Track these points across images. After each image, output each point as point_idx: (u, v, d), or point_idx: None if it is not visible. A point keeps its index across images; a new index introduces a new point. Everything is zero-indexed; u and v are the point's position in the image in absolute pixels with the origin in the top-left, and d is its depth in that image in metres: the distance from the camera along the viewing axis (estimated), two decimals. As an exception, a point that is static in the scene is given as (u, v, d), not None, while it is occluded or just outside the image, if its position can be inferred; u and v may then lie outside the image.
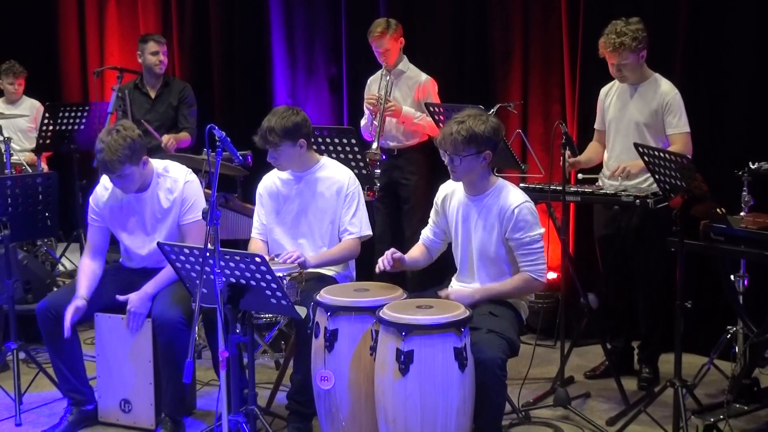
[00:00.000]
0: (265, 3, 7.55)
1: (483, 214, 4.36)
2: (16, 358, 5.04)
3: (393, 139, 6.18)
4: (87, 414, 4.88)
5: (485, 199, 4.36)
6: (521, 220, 4.25)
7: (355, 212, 4.76)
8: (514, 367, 4.79)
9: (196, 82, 7.50)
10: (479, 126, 4.18)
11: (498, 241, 4.32)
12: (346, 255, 4.79)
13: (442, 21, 6.81)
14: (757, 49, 5.67)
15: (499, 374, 3.99)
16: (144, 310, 4.66)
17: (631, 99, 5.26)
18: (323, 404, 4.23)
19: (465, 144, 4.18)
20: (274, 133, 4.60)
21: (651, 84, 5.23)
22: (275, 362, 5.62)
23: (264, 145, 4.66)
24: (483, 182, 4.36)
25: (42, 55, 8.58)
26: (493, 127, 4.24)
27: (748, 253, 4.60)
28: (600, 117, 5.48)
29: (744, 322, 4.97)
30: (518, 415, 4.88)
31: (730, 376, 5.15)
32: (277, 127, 4.59)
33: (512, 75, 6.60)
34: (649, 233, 5.16)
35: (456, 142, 4.18)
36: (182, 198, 4.77)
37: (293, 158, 4.73)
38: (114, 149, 4.44)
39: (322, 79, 7.39)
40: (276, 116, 4.64)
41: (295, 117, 4.66)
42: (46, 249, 7.04)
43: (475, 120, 4.20)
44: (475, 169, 4.28)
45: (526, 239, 4.26)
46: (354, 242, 4.77)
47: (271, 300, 4.00)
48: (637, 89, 5.25)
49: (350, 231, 4.75)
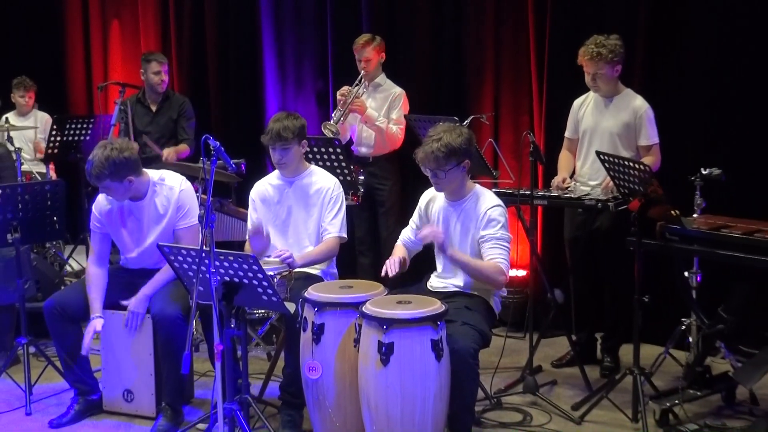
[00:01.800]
0: (257, 22, 7.54)
1: (462, 217, 4.39)
2: (27, 352, 5.02)
3: (366, 146, 6.20)
4: (92, 403, 4.87)
5: (464, 204, 4.40)
6: (492, 219, 4.29)
7: (335, 214, 4.77)
8: (487, 357, 4.80)
9: (194, 95, 7.47)
10: (455, 139, 4.22)
11: (473, 243, 4.35)
12: (327, 254, 4.78)
13: (420, 39, 6.81)
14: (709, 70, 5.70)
15: (472, 363, 4.02)
16: (142, 309, 4.65)
17: (606, 110, 5.28)
18: (311, 393, 4.23)
19: (446, 159, 4.21)
20: (289, 131, 4.62)
21: (624, 98, 5.26)
22: (267, 354, 5.60)
23: (276, 143, 4.65)
24: (462, 189, 4.40)
25: (50, 70, 8.55)
26: (466, 137, 4.28)
27: (701, 251, 4.63)
28: (572, 126, 5.49)
29: (697, 315, 4.99)
30: (490, 401, 4.89)
31: (685, 365, 5.18)
32: (291, 126, 4.63)
33: (484, 89, 6.61)
34: (612, 234, 5.17)
35: (438, 159, 4.21)
36: (178, 205, 4.76)
37: (296, 158, 4.76)
38: (97, 165, 4.45)
39: (310, 93, 7.39)
40: (287, 119, 4.67)
41: (302, 120, 4.75)
42: (54, 251, 7.02)
43: (450, 134, 4.23)
44: (458, 178, 4.32)
45: (498, 234, 4.28)
46: (334, 241, 4.77)
47: (263, 297, 4.00)
48: (612, 102, 5.26)
49: (329, 231, 4.75)
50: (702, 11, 5.70)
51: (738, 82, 5.63)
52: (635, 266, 4.60)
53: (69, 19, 8.57)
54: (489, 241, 4.28)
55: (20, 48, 8.55)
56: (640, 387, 4.60)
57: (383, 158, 6.21)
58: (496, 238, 4.28)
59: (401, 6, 6.88)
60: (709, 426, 4.54)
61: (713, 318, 4.80)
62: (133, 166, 4.59)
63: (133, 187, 4.63)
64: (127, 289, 4.75)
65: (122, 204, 4.77)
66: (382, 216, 6.12)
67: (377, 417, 3.93)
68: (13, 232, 4.96)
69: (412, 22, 6.83)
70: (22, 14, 8.58)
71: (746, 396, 4.88)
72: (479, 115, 6.02)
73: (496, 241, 4.28)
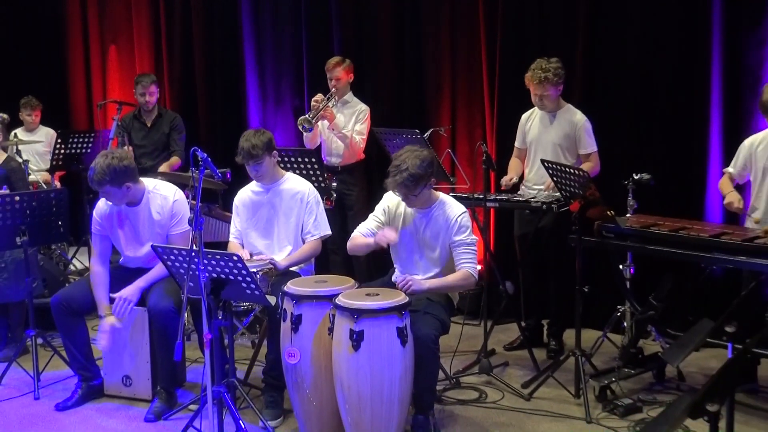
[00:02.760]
0: (240, 46, 7.50)
1: (431, 224, 4.35)
2: (35, 342, 4.98)
3: (336, 156, 6.18)
4: (95, 388, 4.83)
5: (432, 212, 4.36)
6: (463, 225, 4.28)
7: (315, 217, 4.75)
8: (446, 342, 4.79)
9: (184, 112, 7.41)
10: (419, 165, 4.12)
11: (444, 246, 4.32)
12: (310, 254, 4.77)
13: (385, 62, 6.81)
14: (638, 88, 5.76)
15: (433, 348, 4.01)
16: (133, 298, 4.61)
17: (550, 124, 5.30)
18: (291, 376, 4.20)
19: (414, 186, 4.16)
20: (258, 148, 4.58)
21: (565, 112, 5.28)
22: (251, 342, 5.58)
23: (248, 161, 4.62)
24: (429, 200, 4.36)
25: (54, 90, 8.45)
26: (428, 160, 4.20)
27: (633, 247, 4.68)
28: (521, 137, 5.50)
29: (631, 303, 5.03)
30: (450, 381, 4.91)
31: (620, 346, 5.21)
32: (258, 143, 4.58)
33: (442, 105, 6.62)
34: (555, 232, 5.20)
35: (407, 188, 4.17)
36: (172, 213, 4.72)
37: (270, 168, 4.71)
38: (98, 171, 4.44)
39: (288, 109, 7.36)
40: (254, 136, 4.62)
41: (267, 134, 4.69)
42: (59, 252, 6.94)
43: (413, 161, 4.13)
44: (426, 194, 4.29)
45: (469, 239, 4.27)
46: (316, 242, 4.75)
47: (247, 291, 3.97)
48: (555, 116, 5.29)
49: (312, 233, 4.73)
50: (632, 35, 5.76)
51: (663, 98, 5.69)
52: (576, 260, 4.62)
53: (71, 44, 8.49)
54: (460, 247, 4.26)
55: (27, 71, 8.46)
56: (582, 367, 4.63)
57: (351, 167, 6.19)
58: (466, 244, 4.27)
59: (367, 33, 6.87)
60: (642, 400, 4.57)
61: (645, 305, 4.85)
62: (131, 174, 4.57)
63: (130, 192, 4.60)
64: (125, 285, 4.69)
65: (120, 209, 4.73)
66: (350, 218, 6.11)
67: (350, 397, 3.92)
68: (22, 235, 4.92)
69: (378, 47, 6.83)
70: (29, 40, 8.49)
71: (674, 373, 4.94)
72: (438, 128, 6.04)
73: (466, 246, 4.27)
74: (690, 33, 5.56)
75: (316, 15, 7.07)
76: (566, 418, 4.45)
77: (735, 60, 5.40)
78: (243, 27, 7.49)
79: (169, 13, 7.89)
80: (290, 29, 7.31)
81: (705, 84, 5.52)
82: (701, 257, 4.35)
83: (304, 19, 7.15)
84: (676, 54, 5.62)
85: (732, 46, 5.40)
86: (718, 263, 4.36)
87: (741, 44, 5.38)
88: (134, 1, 8.13)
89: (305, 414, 4.23)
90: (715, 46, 5.45)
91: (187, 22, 7.78)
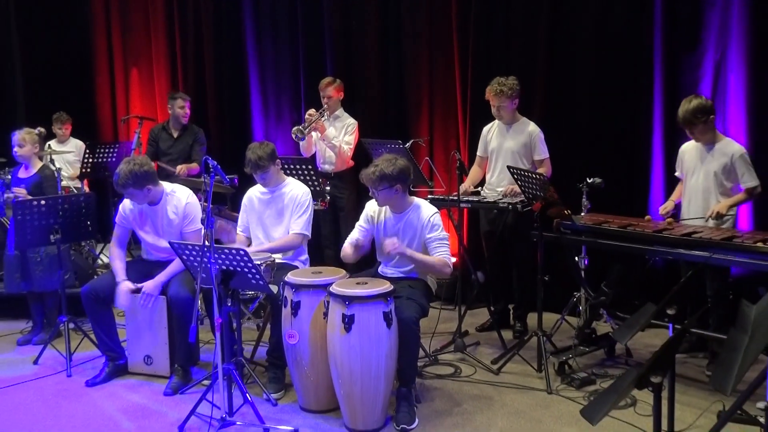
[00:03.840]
0: (245, 67, 7.49)
1: (405, 226, 4.33)
2: (67, 327, 4.96)
3: (329, 164, 6.16)
4: (120, 367, 4.81)
5: (406, 216, 4.33)
6: (435, 224, 4.26)
7: (300, 215, 4.71)
8: (426, 324, 4.80)
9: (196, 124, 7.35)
10: (388, 168, 4.14)
11: (419, 244, 4.31)
12: (285, 245, 4.70)
13: (372, 81, 6.80)
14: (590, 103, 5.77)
15: (414, 329, 4.01)
16: (155, 292, 4.61)
17: (507, 134, 5.31)
18: (291, 355, 4.20)
19: (378, 182, 4.16)
20: (264, 159, 4.58)
21: (521, 124, 5.29)
22: (256, 326, 5.56)
23: (256, 171, 4.62)
24: (402, 204, 4.32)
25: (84, 107, 8.40)
26: (400, 168, 4.17)
27: (587, 241, 4.69)
28: (482, 146, 5.50)
29: (585, 290, 5.04)
30: (429, 358, 4.91)
31: (576, 327, 5.21)
32: (263, 155, 4.59)
33: (422, 119, 6.62)
34: (519, 229, 5.21)
35: (372, 180, 4.17)
36: (185, 214, 4.73)
37: (274, 175, 4.71)
38: (122, 176, 4.48)
39: (287, 122, 7.34)
40: (259, 148, 4.62)
41: (271, 145, 4.69)
42: (88, 248, 6.90)
43: (386, 163, 4.16)
44: (391, 197, 4.25)
45: (441, 235, 4.26)
46: (294, 236, 4.70)
47: (252, 281, 3.97)
48: (512, 127, 5.29)
49: (293, 228, 4.71)
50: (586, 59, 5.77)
51: (613, 113, 5.70)
52: (538, 253, 4.63)
53: (98, 67, 8.45)
54: (434, 242, 4.25)
55: (61, 90, 8.40)
56: (543, 345, 4.64)
57: (342, 173, 6.17)
58: (439, 239, 4.26)
59: (356, 56, 6.85)
60: (595, 374, 4.59)
61: (597, 292, 4.86)
62: (151, 178, 4.59)
63: (150, 193, 4.63)
64: (146, 276, 4.70)
65: (141, 208, 4.74)
66: (342, 218, 6.10)
67: (342, 372, 3.91)
68: (55, 234, 4.89)
69: (366, 68, 6.81)
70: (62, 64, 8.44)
71: (623, 350, 4.96)
72: (418, 139, 6.06)
73: (439, 241, 4.25)
74: (636, 56, 5.58)
75: (311, 40, 7.06)
76: (530, 390, 4.46)
77: (674, 80, 5.43)
78: (248, 51, 7.48)
79: (183, 39, 7.87)
80: (288, 53, 7.30)
81: (648, 100, 5.54)
82: (645, 250, 4.37)
83: (301, 44, 7.14)
84: (623, 74, 5.64)
85: (671, 68, 5.43)
86: (659, 255, 4.39)
87: (679, 67, 5.41)
88: (153, 29, 8.10)
89: (303, 388, 4.23)
90: (657, 68, 5.48)
91: (199, 47, 7.76)
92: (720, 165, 4.54)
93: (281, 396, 4.45)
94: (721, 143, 4.58)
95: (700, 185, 4.63)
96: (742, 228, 4.94)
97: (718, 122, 5.09)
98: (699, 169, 4.64)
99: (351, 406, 3.95)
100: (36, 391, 4.64)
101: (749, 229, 5.02)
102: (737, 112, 5.20)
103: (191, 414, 4.04)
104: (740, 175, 4.50)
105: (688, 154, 4.74)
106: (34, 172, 5.49)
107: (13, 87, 8.03)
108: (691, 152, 4.72)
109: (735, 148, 4.54)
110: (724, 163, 4.53)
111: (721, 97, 5.26)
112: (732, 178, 4.55)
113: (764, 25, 5.04)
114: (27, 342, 5.48)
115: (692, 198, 4.69)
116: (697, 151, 4.67)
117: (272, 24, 7.37)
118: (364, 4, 6.77)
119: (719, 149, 4.56)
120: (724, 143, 4.57)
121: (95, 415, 4.25)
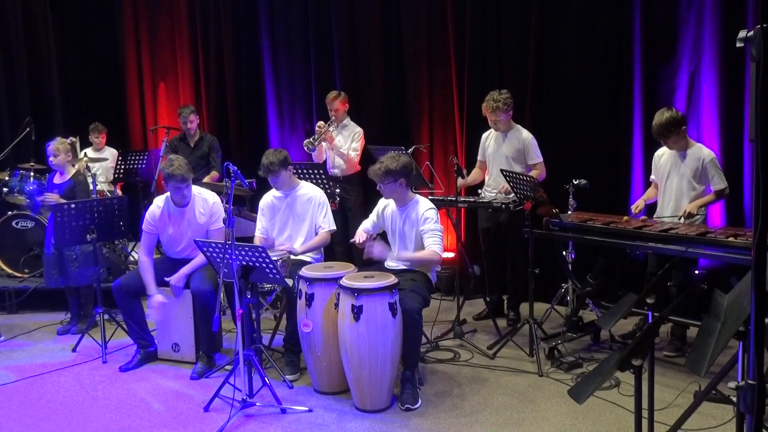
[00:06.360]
0: (262, 81, 7.48)
1: (406, 218, 4.37)
2: (102, 318, 4.98)
3: (338, 169, 6.16)
4: (150, 353, 4.82)
5: (407, 209, 4.37)
6: (428, 217, 4.28)
7: (325, 214, 4.74)
8: (428, 314, 4.80)
9: (218, 133, 7.43)
10: (392, 164, 4.22)
11: (415, 234, 4.34)
12: (320, 243, 4.75)
13: (377, 91, 6.79)
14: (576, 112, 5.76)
15: (417, 318, 4.02)
16: (181, 284, 4.63)
17: (503, 141, 5.29)
18: (305, 342, 4.21)
19: (384, 176, 4.22)
20: (275, 165, 4.59)
21: (515, 132, 5.28)
22: (273, 315, 5.57)
23: (268, 175, 4.63)
24: (404, 198, 4.36)
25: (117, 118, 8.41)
26: (403, 164, 4.24)
27: (574, 237, 4.69)
28: (481, 152, 5.50)
29: (572, 281, 5.03)
30: (431, 344, 4.91)
31: (564, 316, 5.22)
32: (275, 160, 4.59)
33: (422, 126, 6.61)
34: (512, 226, 5.21)
35: (378, 175, 4.24)
36: (211, 213, 4.74)
37: (287, 180, 4.70)
38: (183, 169, 4.54)
39: (301, 132, 7.35)
40: (272, 155, 4.62)
41: (284, 152, 4.68)
42: (120, 246, 6.91)
43: (390, 160, 4.24)
44: (396, 190, 4.30)
45: (433, 227, 4.27)
46: (326, 234, 4.74)
47: (270, 275, 3.97)
48: (507, 135, 5.28)
49: (323, 227, 4.72)
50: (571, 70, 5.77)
51: (596, 120, 5.70)
52: (529, 248, 4.63)
53: (129, 82, 8.45)
54: (427, 233, 4.27)
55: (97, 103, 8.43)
56: (534, 332, 4.64)
57: (350, 177, 6.18)
58: (431, 230, 4.27)
59: (362, 69, 6.85)
60: (582, 358, 4.58)
61: (583, 283, 4.85)
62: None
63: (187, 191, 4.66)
64: (171, 272, 4.70)
65: (169, 210, 4.74)
66: (350, 218, 6.10)
67: (352, 358, 3.92)
68: (91, 233, 4.92)
69: (371, 81, 6.81)
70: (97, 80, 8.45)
71: (607, 337, 4.95)
72: (419, 145, 6.06)
73: (431, 232, 4.27)
74: (617, 68, 5.57)
75: (322, 56, 7.06)
76: (523, 373, 4.46)
77: (652, 90, 5.42)
78: (264, 66, 7.47)
79: (205, 56, 7.87)
80: (301, 68, 7.29)
81: (629, 109, 5.54)
82: (627, 245, 4.38)
83: (313, 60, 7.14)
84: (606, 85, 5.63)
85: (650, 79, 5.42)
86: (639, 249, 4.39)
87: (657, 78, 5.40)
88: (178, 47, 8.10)
89: (317, 372, 4.24)
90: (637, 79, 5.47)
91: (220, 63, 7.76)
92: (692, 170, 4.54)
93: (296, 379, 4.45)
94: (693, 149, 4.57)
95: (674, 188, 4.63)
96: (715, 225, 4.93)
97: (692, 129, 5.09)
98: (673, 173, 4.64)
99: (360, 389, 3.96)
100: (75, 375, 4.66)
101: (722, 225, 5.01)
102: (710, 120, 5.19)
103: (215, 396, 4.05)
104: (710, 178, 4.50)
105: (663, 159, 4.74)
106: (68, 178, 5.50)
107: (53, 100, 8.04)
108: (665, 157, 4.72)
109: (705, 153, 4.53)
110: (695, 167, 4.53)
111: (695, 105, 5.25)
112: (703, 181, 4.54)
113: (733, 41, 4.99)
114: (66, 332, 5.50)
115: (667, 199, 4.69)
116: (671, 157, 4.67)
117: (287, 42, 7.37)
118: (369, 23, 6.77)
119: (691, 155, 4.56)
120: (696, 149, 4.57)
121: (128, 397, 4.27)
